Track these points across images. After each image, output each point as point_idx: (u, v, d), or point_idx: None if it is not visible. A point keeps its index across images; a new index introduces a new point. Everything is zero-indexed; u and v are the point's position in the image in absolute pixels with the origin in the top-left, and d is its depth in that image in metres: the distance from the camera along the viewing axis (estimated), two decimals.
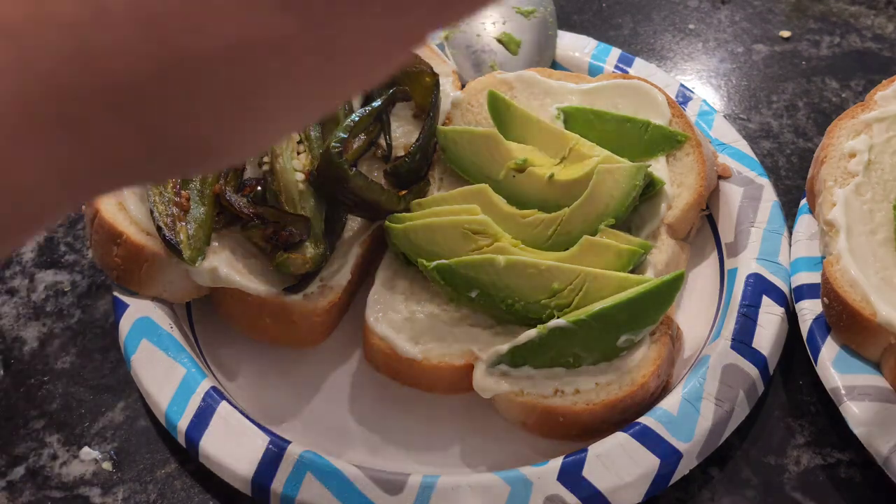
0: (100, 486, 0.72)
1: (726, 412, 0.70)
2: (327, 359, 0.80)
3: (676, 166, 0.83)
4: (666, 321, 0.73)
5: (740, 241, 0.82)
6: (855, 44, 1.09)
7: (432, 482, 0.66)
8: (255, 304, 0.74)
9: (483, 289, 0.73)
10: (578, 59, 0.98)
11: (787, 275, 0.78)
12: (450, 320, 0.75)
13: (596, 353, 0.71)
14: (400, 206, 0.81)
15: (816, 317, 0.74)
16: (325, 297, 0.76)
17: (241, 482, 0.68)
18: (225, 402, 0.71)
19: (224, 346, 0.80)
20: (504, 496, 0.65)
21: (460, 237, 0.76)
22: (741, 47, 1.09)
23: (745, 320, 0.75)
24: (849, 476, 0.72)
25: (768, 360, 0.73)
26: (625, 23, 1.14)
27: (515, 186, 0.81)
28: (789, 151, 0.96)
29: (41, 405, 0.78)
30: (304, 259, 0.74)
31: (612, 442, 0.68)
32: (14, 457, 0.74)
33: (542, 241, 0.77)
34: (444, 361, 0.72)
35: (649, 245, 0.76)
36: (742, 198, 0.84)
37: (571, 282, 0.73)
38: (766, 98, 1.02)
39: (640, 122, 0.83)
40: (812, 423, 0.75)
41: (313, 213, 0.77)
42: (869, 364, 0.71)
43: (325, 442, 0.73)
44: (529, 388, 0.70)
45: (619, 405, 0.69)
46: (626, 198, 0.76)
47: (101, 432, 0.76)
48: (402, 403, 0.77)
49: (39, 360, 0.81)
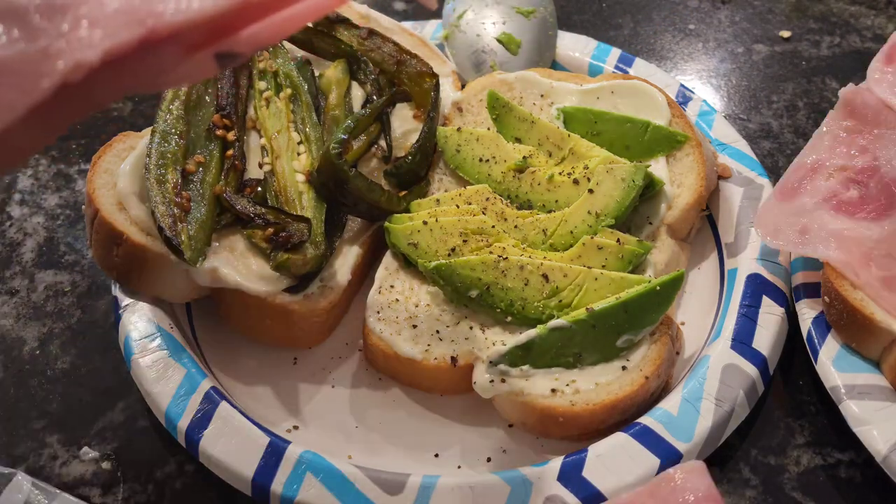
0: (100, 486, 0.72)
1: (726, 412, 0.70)
2: (327, 359, 0.80)
3: (676, 166, 0.83)
4: (666, 321, 0.73)
5: (740, 241, 0.82)
6: (855, 44, 1.09)
7: (432, 482, 0.66)
8: (256, 305, 0.75)
9: (483, 289, 0.73)
10: (578, 59, 0.98)
11: (787, 275, 0.78)
12: (450, 320, 0.75)
13: (596, 353, 0.71)
14: (400, 207, 0.81)
15: (816, 317, 0.74)
16: (325, 298, 0.76)
17: (241, 482, 0.68)
18: (225, 402, 0.71)
19: (224, 346, 0.80)
20: (504, 496, 0.65)
21: (460, 237, 0.76)
22: (741, 47, 1.09)
23: (745, 320, 0.75)
24: (849, 476, 0.72)
25: (768, 360, 0.73)
26: (625, 23, 1.14)
27: (515, 186, 0.81)
28: (789, 151, 0.96)
29: (41, 405, 0.78)
30: (304, 259, 0.74)
31: (612, 442, 0.68)
32: (14, 457, 0.74)
33: (541, 241, 0.77)
34: (444, 361, 0.73)
35: (649, 245, 0.76)
36: (742, 198, 0.84)
37: (571, 282, 0.73)
38: (766, 98, 1.02)
39: (640, 122, 0.83)
40: (812, 423, 0.75)
41: (313, 214, 0.77)
42: (869, 363, 0.71)
43: (325, 442, 0.73)
44: (529, 388, 0.70)
45: (619, 405, 0.69)
46: (626, 198, 0.76)
47: (101, 432, 0.76)
48: (402, 403, 0.77)
49: (39, 360, 0.81)
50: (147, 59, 0.41)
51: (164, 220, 0.73)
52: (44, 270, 0.88)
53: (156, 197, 0.74)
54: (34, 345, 0.82)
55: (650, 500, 0.57)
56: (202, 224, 0.74)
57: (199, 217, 0.74)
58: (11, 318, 0.84)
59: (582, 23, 1.13)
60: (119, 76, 0.40)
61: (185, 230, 0.73)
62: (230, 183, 0.78)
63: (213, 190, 0.76)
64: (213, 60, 0.43)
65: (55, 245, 0.90)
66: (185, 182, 0.76)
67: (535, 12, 0.99)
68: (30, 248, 0.90)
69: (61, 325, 0.83)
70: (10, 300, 0.85)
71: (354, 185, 0.77)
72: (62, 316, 0.84)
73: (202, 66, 0.43)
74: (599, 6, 1.16)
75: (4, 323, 0.84)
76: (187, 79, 0.47)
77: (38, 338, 0.83)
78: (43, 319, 0.84)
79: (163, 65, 0.42)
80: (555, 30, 1.00)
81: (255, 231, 0.76)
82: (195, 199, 0.75)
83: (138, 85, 0.43)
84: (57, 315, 0.84)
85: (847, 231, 0.73)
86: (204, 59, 0.43)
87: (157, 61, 0.41)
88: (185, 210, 0.74)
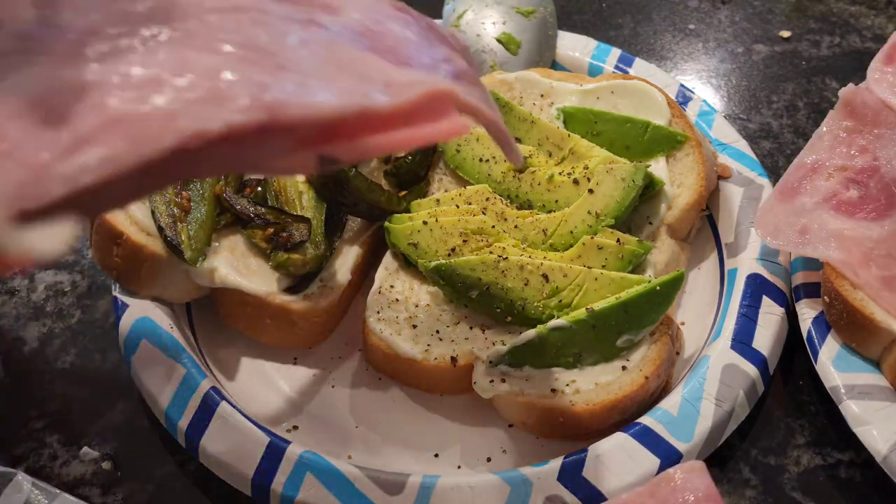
0: (100, 486, 0.72)
1: (726, 412, 0.70)
2: (327, 359, 0.80)
3: (676, 166, 0.83)
4: (666, 321, 0.73)
5: (740, 241, 0.82)
6: (855, 44, 1.09)
7: (432, 482, 0.66)
8: (255, 305, 0.75)
9: (483, 289, 0.73)
10: (578, 59, 0.98)
11: (787, 275, 0.78)
12: (450, 320, 0.75)
13: (596, 353, 0.71)
14: (400, 207, 0.81)
15: (816, 317, 0.74)
16: (325, 298, 0.76)
17: (241, 482, 0.68)
18: (225, 403, 0.71)
19: (224, 346, 0.80)
20: (504, 496, 0.65)
21: (460, 237, 0.76)
22: (741, 47, 1.09)
23: (745, 320, 0.75)
24: (849, 476, 0.72)
25: (768, 360, 0.73)
26: (625, 23, 1.14)
27: (515, 186, 0.81)
28: (789, 151, 0.96)
29: (41, 405, 0.78)
30: (304, 259, 0.74)
31: (612, 442, 0.68)
32: (14, 457, 0.74)
33: (541, 241, 0.77)
34: (444, 361, 0.72)
35: (649, 245, 0.76)
36: (742, 198, 0.84)
37: (571, 282, 0.73)
38: (766, 98, 1.02)
39: (640, 122, 0.83)
40: (812, 423, 0.75)
41: (313, 214, 0.77)
42: (869, 363, 0.71)
43: (325, 442, 0.73)
44: (529, 388, 0.70)
45: (619, 405, 0.69)
46: (626, 198, 0.76)
47: (101, 432, 0.76)
48: (402, 403, 0.77)
49: (39, 360, 0.81)
50: (258, 145, 0.40)
51: (164, 220, 0.73)
52: (44, 270, 0.88)
53: (156, 197, 0.74)
54: (34, 345, 0.82)
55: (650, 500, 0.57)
56: (202, 224, 0.74)
57: (199, 217, 0.74)
58: (11, 318, 0.84)
59: (582, 23, 1.13)
60: (227, 154, 0.39)
61: (185, 230, 0.73)
62: (230, 183, 0.78)
63: (213, 190, 0.76)
64: (315, 161, 0.42)
65: None
66: (184, 182, 0.76)
67: (535, 12, 0.99)
68: None
69: (61, 324, 0.83)
70: (10, 300, 0.85)
71: (354, 185, 0.77)
72: (62, 316, 0.84)
73: (304, 164, 0.42)
74: (599, 6, 1.16)
75: (4, 323, 0.84)
76: (286, 171, 0.46)
77: (38, 338, 0.83)
78: (43, 319, 0.84)
79: (271, 153, 0.41)
80: (555, 30, 1.00)
81: (255, 231, 0.76)
82: (195, 199, 0.75)
83: (241, 167, 0.42)
84: (57, 315, 0.84)
85: (847, 231, 0.73)
86: (308, 157, 0.42)
87: (268, 149, 0.40)
88: (185, 210, 0.74)
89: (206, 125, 0.37)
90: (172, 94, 0.37)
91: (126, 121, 0.36)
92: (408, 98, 0.43)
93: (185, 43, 0.40)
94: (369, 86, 0.43)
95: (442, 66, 0.49)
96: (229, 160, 0.40)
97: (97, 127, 0.36)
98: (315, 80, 0.41)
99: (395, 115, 0.42)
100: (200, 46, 0.40)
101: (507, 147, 0.53)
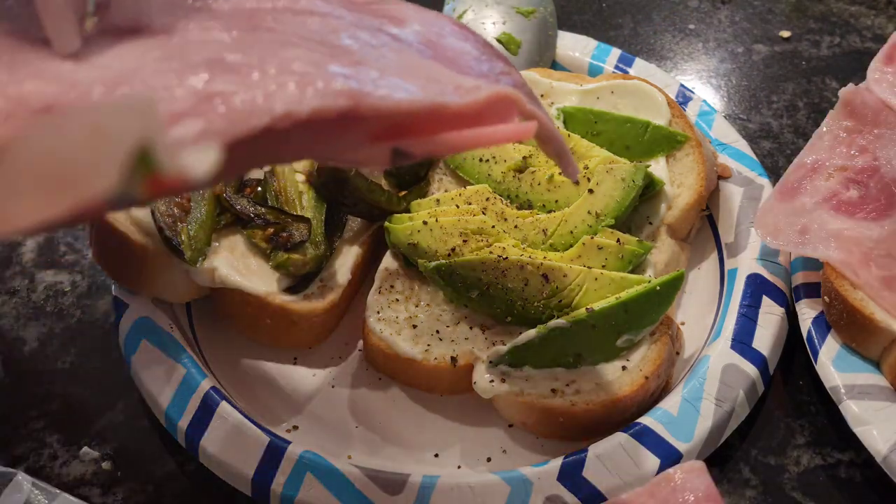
0: (100, 486, 0.72)
1: (726, 412, 0.70)
2: (327, 359, 0.80)
3: (676, 166, 0.83)
4: (666, 321, 0.73)
5: (740, 241, 0.82)
6: (855, 44, 1.09)
7: (432, 482, 0.66)
8: (255, 305, 0.75)
9: (483, 289, 0.73)
10: (578, 59, 0.98)
11: (787, 275, 0.78)
12: (450, 320, 0.75)
13: (596, 353, 0.71)
14: (400, 207, 0.81)
15: (816, 317, 0.74)
16: (325, 298, 0.76)
17: (241, 482, 0.68)
18: (225, 403, 0.71)
19: (224, 346, 0.80)
20: (504, 496, 0.65)
21: (460, 237, 0.76)
22: (741, 47, 1.09)
23: (745, 320, 0.75)
24: (849, 476, 0.72)
25: (768, 360, 0.73)
26: (625, 23, 1.14)
27: (515, 186, 0.81)
28: (789, 151, 0.96)
29: (41, 405, 0.78)
30: (304, 259, 0.74)
31: (612, 442, 0.68)
32: (14, 457, 0.74)
33: (542, 241, 0.77)
34: (444, 361, 0.72)
35: (649, 245, 0.76)
36: (742, 198, 0.84)
37: (571, 282, 0.73)
38: (766, 98, 1.02)
39: (640, 122, 0.83)
40: (812, 423, 0.75)
41: (313, 214, 0.77)
42: (869, 363, 0.71)
43: (325, 442, 0.73)
44: (529, 388, 0.70)
45: (619, 405, 0.69)
46: (626, 198, 0.76)
47: (101, 432, 0.76)
48: (402, 403, 0.77)
49: (39, 360, 0.81)
50: (338, 132, 0.41)
51: (164, 220, 0.73)
52: (44, 270, 0.88)
53: None
54: (34, 345, 0.82)
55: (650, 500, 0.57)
56: (202, 224, 0.74)
57: (198, 217, 0.74)
58: (11, 318, 0.84)
59: (582, 23, 1.13)
60: (309, 139, 0.40)
61: (185, 230, 0.73)
62: (230, 183, 0.78)
63: (212, 190, 0.76)
64: (388, 154, 0.43)
65: (55, 245, 0.90)
66: None
67: (535, 12, 0.99)
68: (30, 248, 0.89)
69: (61, 325, 0.83)
70: (10, 300, 0.85)
71: (354, 185, 0.77)
72: (62, 316, 0.84)
73: (378, 157, 0.43)
74: (599, 6, 1.16)
75: (4, 323, 0.84)
76: (361, 163, 0.47)
77: (38, 338, 0.83)
78: (43, 319, 0.84)
79: (349, 142, 0.42)
80: (555, 30, 1.00)
81: (255, 231, 0.76)
82: (195, 199, 0.75)
83: (317, 154, 0.43)
84: (57, 315, 0.84)
85: (847, 231, 0.73)
86: (382, 150, 0.43)
87: (346, 137, 0.41)
88: (184, 210, 0.74)
89: (297, 107, 0.38)
90: (265, 79, 0.39)
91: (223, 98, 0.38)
92: (477, 98, 0.44)
93: (272, 38, 0.43)
94: (441, 86, 0.44)
95: (502, 78, 0.51)
96: (311, 147, 0.41)
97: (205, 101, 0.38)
98: (392, 77, 0.43)
99: (466, 114, 0.44)
100: (285, 41, 0.42)
101: (564, 160, 0.54)
